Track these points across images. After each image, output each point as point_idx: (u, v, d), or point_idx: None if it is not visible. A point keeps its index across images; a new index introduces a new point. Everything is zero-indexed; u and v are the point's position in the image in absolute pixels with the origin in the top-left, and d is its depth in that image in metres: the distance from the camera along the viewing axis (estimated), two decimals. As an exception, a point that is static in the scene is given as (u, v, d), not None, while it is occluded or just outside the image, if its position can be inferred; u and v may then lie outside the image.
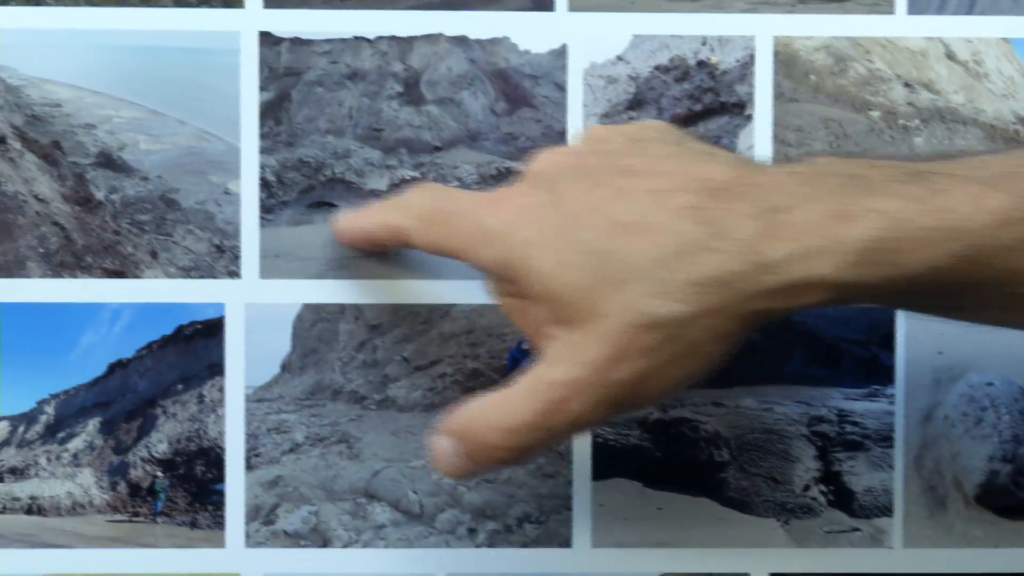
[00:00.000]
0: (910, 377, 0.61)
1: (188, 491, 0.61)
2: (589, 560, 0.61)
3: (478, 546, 0.60)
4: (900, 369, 0.61)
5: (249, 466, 0.60)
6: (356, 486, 0.60)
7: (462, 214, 0.49)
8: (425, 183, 0.54)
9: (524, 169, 0.49)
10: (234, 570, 0.60)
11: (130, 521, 0.61)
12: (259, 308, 0.60)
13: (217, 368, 0.60)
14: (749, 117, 0.60)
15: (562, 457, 0.60)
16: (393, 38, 0.60)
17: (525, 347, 0.60)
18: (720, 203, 0.43)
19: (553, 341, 0.46)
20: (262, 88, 0.60)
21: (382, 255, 0.59)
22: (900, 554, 0.61)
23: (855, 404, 0.61)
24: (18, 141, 0.60)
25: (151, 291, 0.60)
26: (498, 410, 0.46)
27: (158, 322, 0.60)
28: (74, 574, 0.60)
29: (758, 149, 0.60)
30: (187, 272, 0.60)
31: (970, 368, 0.61)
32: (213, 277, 0.60)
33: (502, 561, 0.60)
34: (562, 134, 0.60)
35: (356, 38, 0.60)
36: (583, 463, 0.60)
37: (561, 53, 0.60)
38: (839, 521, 0.61)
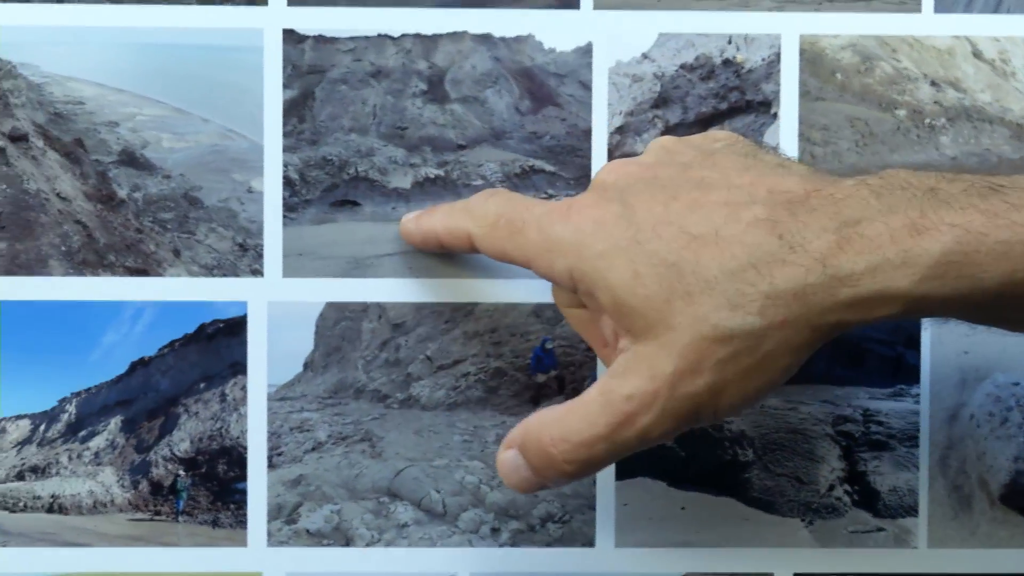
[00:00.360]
0: (936, 377, 0.60)
1: (210, 490, 0.60)
2: (612, 560, 0.60)
3: (501, 545, 0.60)
4: (926, 369, 0.60)
5: (271, 465, 0.60)
6: (379, 485, 0.60)
7: (532, 223, 0.49)
8: (493, 188, 0.53)
9: (593, 179, 0.49)
10: (256, 569, 0.60)
11: (152, 520, 0.60)
12: (282, 307, 0.60)
13: (240, 367, 0.60)
14: (775, 116, 0.60)
15: (586, 457, 0.60)
16: (417, 36, 0.60)
17: (549, 346, 0.60)
18: (795, 216, 0.43)
19: (624, 353, 0.45)
20: (286, 86, 0.59)
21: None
22: (925, 554, 0.61)
23: (880, 404, 0.61)
24: (41, 139, 0.59)
25: (173, 289, 0.59)
26: (567, 423, 0.46)
27: (180, 321, 0.60)
28: (95, 573, 0.60)
29: (784, 148, 0.60)
30: (210, 270, 0.59)
31: (996, 368, 0.61)
32: (236, 275, 0.59)
33: (525, 561, 0.60)
34: (587, 133, 0.60)
35: (380, 36, 0.60)
36: (607, 463, 0.60)
37: (586, 51, 0.60)
38: (864, 521, 0.61)
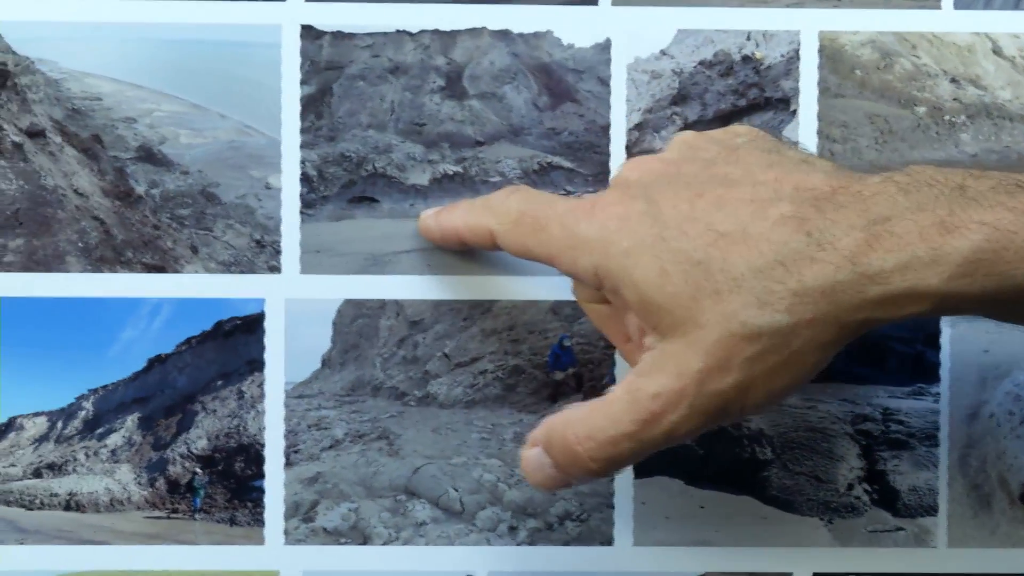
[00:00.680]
0: (955, 375, 0.60)
1: (227, 488, 0.60)
2: (630, 558, 0.60)
3: (519, 544, 0.60)
4: (945, 367, 0.60)
5: (289, 463, 0.60)
6: (396, 483, 0.60)
7: (556, 220, 0.49)
8: (515, 185, 0.53)
9: (615, 176, 0.49)
10: (273, 567, 0.60)
11: (169, 518, 0.60)
12: (299, 303, 0.59)
13: (257, 364, 0.60)
14: (794, 113, 0.60)
15: (604, 455, 0.60)
16: (436, 32, 0.60)
17: (567, 344, 0.60)
18: (822, 213, 0.43)
19: (650, 351, 0.45)
20: (303, 82, 0.59)
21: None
22: (944, 554, 0.60)
23: (900, 402, 0.60)
24: (58, 135, 0.59)
25: (191, 286, 0.59)
26: (592, 421, 0.46)
27: (198, 317, 0.59)
28: (112, 571, 0.60)
29: (803, 145, 0.59)
30: (227, 267, 0.59)
31: (1016, 366, 0.60)
32: (253, 272, 0.59)
33: (543, 559, 0.60)
34: (605, 129, 0.60)
35: (398, 32, 0.59)
36: (625, 461, 0.60)
37: (605, 47, 0.60)
38: (883, 520, 0.60)
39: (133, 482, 0.60)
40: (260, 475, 0.60)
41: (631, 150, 0.60)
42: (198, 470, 0.60)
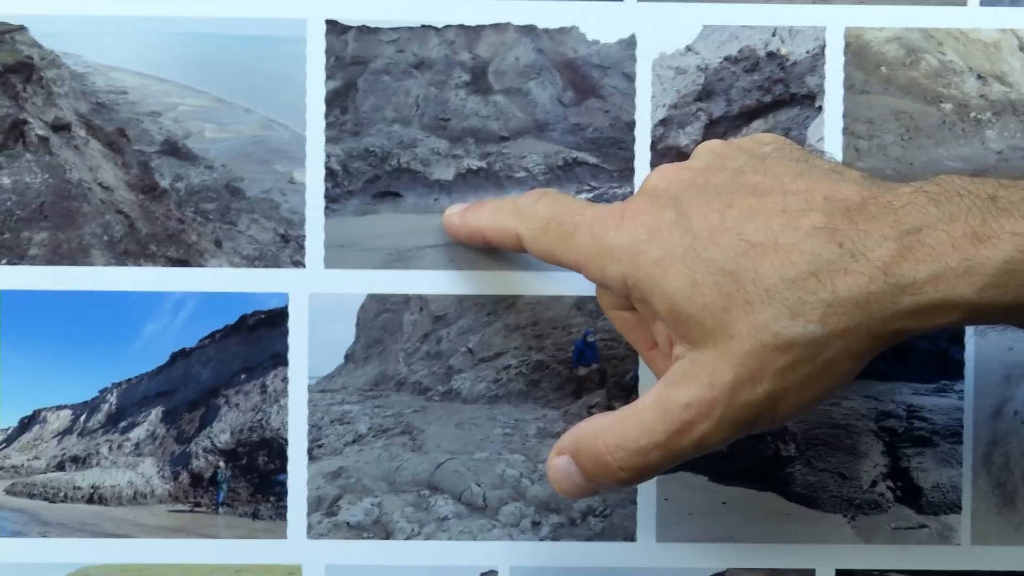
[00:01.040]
0: (980, 372, 0.60)
1: (250, 482, 0.60)
2: (653, 554, 0.60)
3: (542, 539, 0.60)
4: (970, 364, 0.60)
5: (312, 457, 0.60)
6: (419, 478, 0.60)
7: (585, 227, 0.49)
8: (543, 189, 0.53)
9: (643, 184, 0.49)
10: (296, 561, 0.60)
11: (191, 511, 0.60)
12: (323, 298, 0.59)
13: (280, 358, 0.60)
14: (819, 109, 0.60)
15: (627, 450, 0.60)
16: (461, 27, 0.60)
17: (591, 339, 0.60)
18: (854, 224, 0.43)
19: (680, 361, 0.45)
20: (328, 76, 0.59)
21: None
22: (968, 551, 0.60)
23: (924, 399, 0.60)
24: (83, 128, 0.59)
25: (215, 280, 0.59)
26: (622, 430, 0.46)
27: (222, 311, 0.60)
28: (135, 564, 0.60)
29: (828, 141, 0.59)
30: (251, 261, 0.59)
31: (1041, 364, 0.60)
32: (277, 267, 0.59)
33: (566, 554, 0.60)
34: (630, 125, 0.60)
35: (423, 27, 0.59)
36: (648, 457, 0.60)
37: (630, 43, 0.60)
38: (906, 517, 0.60)
39: (156, 475, 0.60)
40: (283, 469, 0.60)
41: (656, 146, 0.60)
42: (221, 464, 0.60)
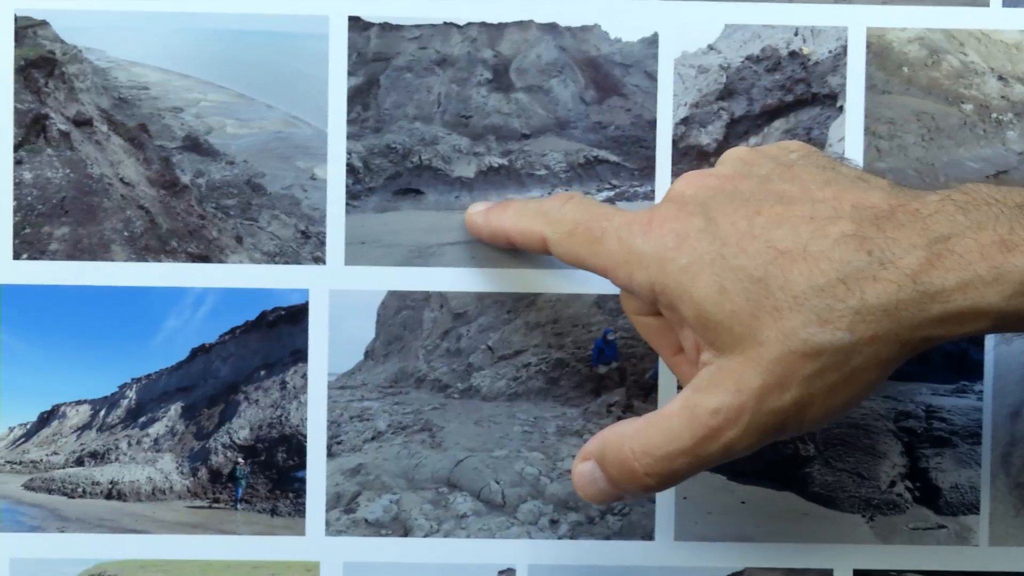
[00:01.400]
0: (999, 373, 0.60)
1: (269, 478, 0.60)
2: (671, 553, 0.60)
3: (560, 537, 0.60)
4: (989, 365, 0.60)
5: (331, 454, 0.60)
6: (438, 475, 0.60)
7: (612, 233, 0.49)
8: (568, 192, 0.53)
9: (669, 191, 0.49)
10: (314, 558, 0.60)
11: (210, 507, 0.60)
12: (343, 295, 0.59)
13: (300, 354, 0.60)
14: (840, 109, 0.60)
15: (646, 449, 0.60)
16: (483, 24, 0.60)
17: (611, 337, 0.60)
18: (883, 231, 0.43)
19: (707, 367, 0.45)
20: (350, 73, 0.59)
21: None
22: (986, 552, 0.60)
23: (943, 400, 0.60)
24: (105, 124, 0.59)
25: (235, 276, 0.59)
26: (649, 436, 0.46)
27: (242, 307, 0.60)
28: (153, 560, 0.60)
29: (849, 141, 0.59)
30: (272, 257, 0.59)
31: (1060, 365, 0.60)
32: (298, 263, 0.59)
33: (584, 553, 0.60)
34: (652, 123, 0.60)
35: (446, 24, 0.59)
36: (667, 455, 0.60)
37: (652, 42, 0.60)
38: (925, 518, 0.60)
39: (175, 471, 0.60)
40: (302, 466, 0.60)
41: (677, 145, 0.60)
42: (240, 460, 0.60)
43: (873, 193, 0.45)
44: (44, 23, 0.58)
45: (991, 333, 0.44)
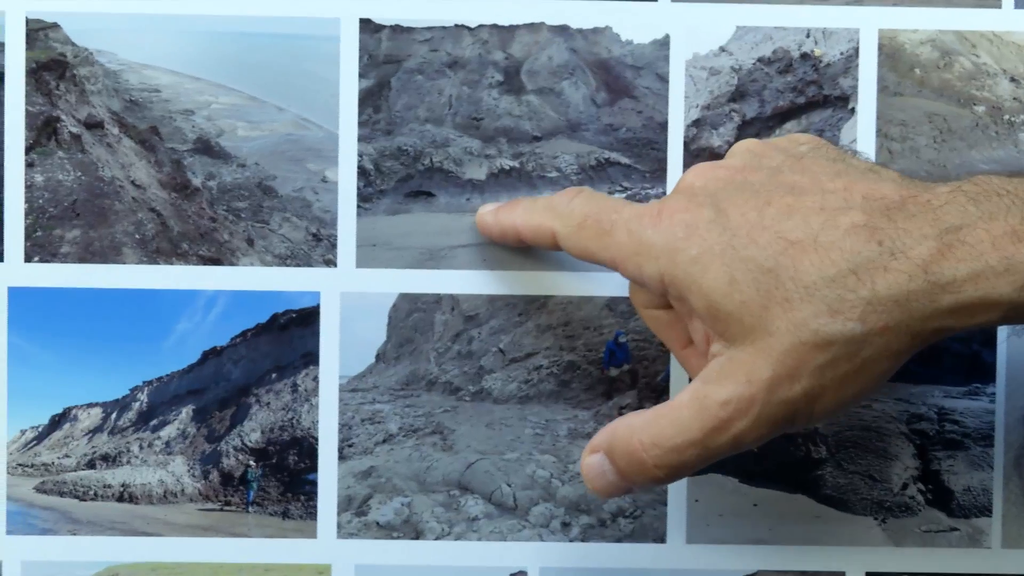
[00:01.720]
0: (1012, 375, 0.60)
1: (280, 481, 0.60)
2: (683, 556, 0.60)
3: (572, 540, 0.60)
4: (1002, 367, 0.60)
5: (342, 456, 0.60)
6: (450, 478, 0.60)
7: (621, 225, 0.48)
8: (577, 187, 0.53)
9: (679, 182, 0.49)
10: (326, 561, 0.60)
11: (222, 510, 0.60)
12: (355, 297, 0.59)
13: (312, 357, 0.60)
14: (852, 111, 0.59)
15: (658, 452, 0.60)
16: (494, 26, 0.59)
17: (622, 340, 0.60)
18: (893, 222, 0.43)
19: (717, 358, 0.45)
20: (361, 75, 0.59)
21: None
22: (999, 555, 0.60)
23: (955, 402, 0.60)
24: (116, 126, 0.59)
25: (247, 279, 0.59)
26: (658, 428, 0.46)
27: (253, 310, 0.59)
28: (164, 562, 0.60)
29: (861, 143, 0.59)
30: (283, 260, 0.59)
31: (1073, 367, 0.60)
32: (309, 266, 0.59)
33: (595, 555, 0.60)
34: (663, 126, 0.59)
35: (457, 26, 0.59)
36: (679, 458, 0.60)
37: (664, 44, 0.59)
38: (937, 520, 0.60)
39: (186, 474, 0.60)
40: (313, 468, 0.60)
41: (688, 147, 0.59)
42: (251, 463, 0.60)
43: (884, 184, 0.45)
44: (55, 26, 0.58)
45: (1002, 324, 0.43)
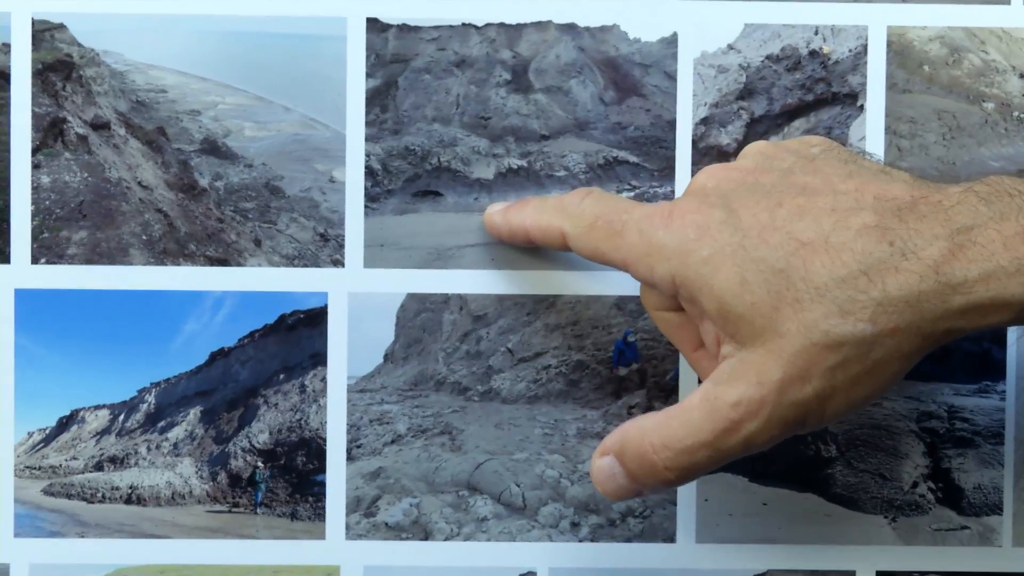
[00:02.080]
0: (1022, 372, 0.60)
1: (289, 482, 0.60)
2: (693, 555, 0.60)
3: (581, 540, 0.60)
4: (1012, 365, 0.60)
5: (350, 457, 0.60)
6: (458, 478, 0.60)
7: (632, 225, 0.48)
8: (587, 188, 0.53)
9: (691, 184, 0.49)
10: (334, 562, 0.60)
11: (230, 512, 0.60)
12: (363, 297, 0.59)
13: (320, 358, 0.59)
14: (861, 108, 0.59)
15: (667, 451, 0.60)
16: (501, 25, 0.59)
17: (631, 339, 0.60)
18: (905, 223, 0.43)
19: (727, 360, 0.45)
20: (369, 75, 0.59)
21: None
22: (1009, 553, 0.60)
23: (965, 400, 0.60)
24: (122, 127, 0.59)
25: (254, 279, 0.59)
26: (669, 430, 0.46)
27: (261, 311, 0.59)
28: (173, 565, 0.60)
29: (870, 141, 0.59)
30: (291, 261, 0.59)
31: (1084, 364, 0.60)
32: (317, 266, 0.59)
33: (605, 555, 0.60)
34: (671, 124, 0.59)
35: (464, 25, 0.59)
36: (688, 457, 0.60)
37: (672, 41, 0.59)
38: (948, 519, 0.60)
39: (194, 476, 0.60)
40: (322, 469, 0.60)
41: (697, 145, 0.59)
42: (260, 464, 0.60)
43: (895, 185, 0.45)
44: (61, 26, 0.58)
45: (1013, 325, 0.43)
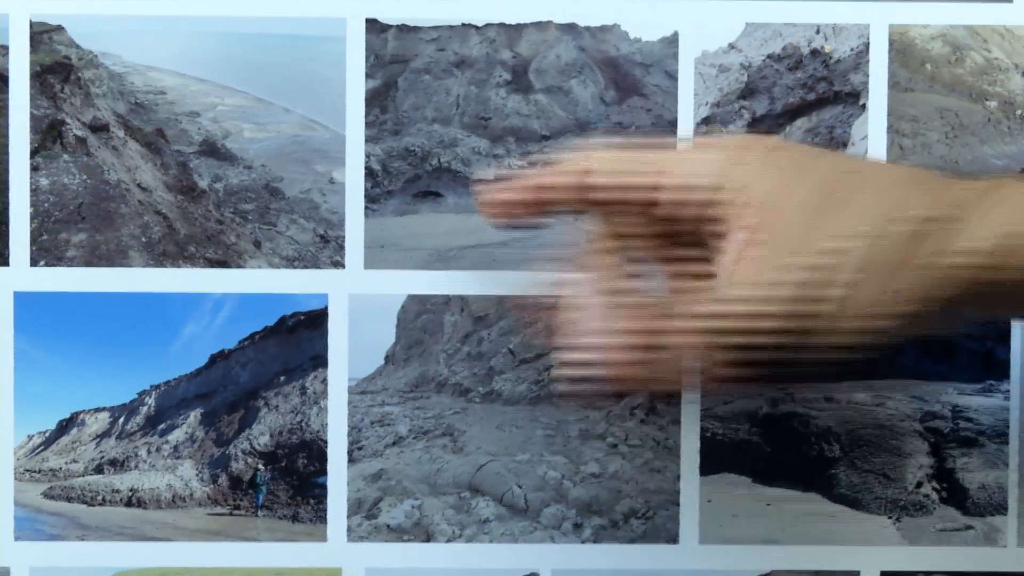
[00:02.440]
0: (1026, 372, 0.60)
1: (290, 484, 0.60)
2: (696, 556, 0.60)
3: (583, 541, 0.59)
4: (1016, 364, 0.59)
5: (352, 459, 0.59)
6: (460, 480, 0.59)
7: (666, 145, 0.47)
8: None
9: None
10: (336, 565, 0.59)
11: (231, 514, 0.60)
12: (363, 299, 0.59)
13: (320, 360, 0.59)
14: (863, 107, 0.59)
15: (670, 452, 0.59)
16: (501, 25, 0.59)
17: (633, 340, 0.59)
18: (937, 179, 0.43)
19: (751, 250, 0.44)
20: (368, 76, 0.59)
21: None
22: (1014, 552, 0.60)
23: (969, 399, 0.60)
24: (121, 129, 0.59)
25: (254, 281, 0.59)
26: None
27: (261, 313, 0.59)
28: (174, 567, 0.59)
29: (872, 139, 0.59)
30: (291, 262, 0.59)
31: (1088, 363, 0.60)
32: (317, 267, 0.59)
33: (608, 556, 0.59)
34: (673, 124, 0.59)
35: (464, 25, 0.59)
36: (691, 458, 0.59)
37: (672, 41, 0.59)
38: (952, 519, 0.60)
39: (195, 478, 0.60)
40: (323, 472, 0.59)
41: (698, 144, 0.59)
42: (260, 466, 0.60)
43: (914, 167, 0.45)
44: (60, 28, 0.58)
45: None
